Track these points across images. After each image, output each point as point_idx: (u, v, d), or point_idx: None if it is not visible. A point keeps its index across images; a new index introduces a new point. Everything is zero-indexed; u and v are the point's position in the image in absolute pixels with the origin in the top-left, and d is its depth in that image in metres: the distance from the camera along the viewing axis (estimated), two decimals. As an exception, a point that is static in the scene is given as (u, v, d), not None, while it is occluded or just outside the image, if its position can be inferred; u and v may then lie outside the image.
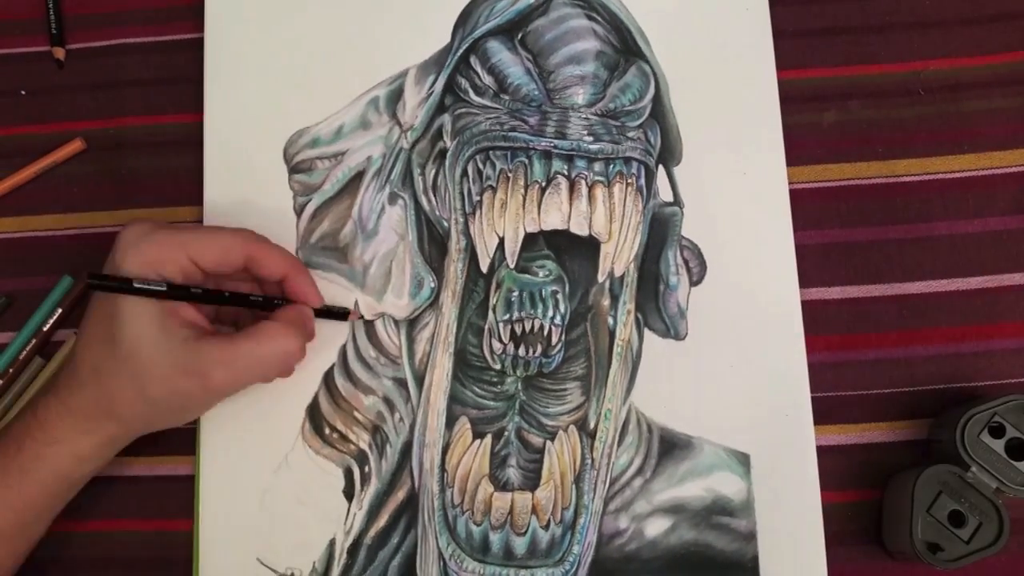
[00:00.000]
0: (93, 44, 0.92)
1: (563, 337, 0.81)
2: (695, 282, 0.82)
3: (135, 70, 0.91)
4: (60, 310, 0.86)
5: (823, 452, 0.80)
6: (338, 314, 0.82)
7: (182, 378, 0.72)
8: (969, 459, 0.73)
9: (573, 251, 0.82)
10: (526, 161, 0.81)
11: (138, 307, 0.71)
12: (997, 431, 0.74)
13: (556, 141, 0.81)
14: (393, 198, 0.85)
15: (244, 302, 0.78)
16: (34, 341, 0.85)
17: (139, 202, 0.89)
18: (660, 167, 0.84)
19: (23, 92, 0.92)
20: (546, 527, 0.78)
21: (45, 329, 0.85)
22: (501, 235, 0.81)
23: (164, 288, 0.72)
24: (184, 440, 0.82)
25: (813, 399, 0.80)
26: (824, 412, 0.81)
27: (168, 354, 0.71)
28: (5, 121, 0.91)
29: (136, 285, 0.71)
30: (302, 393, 0.82)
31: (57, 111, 0.91)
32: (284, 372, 0.79)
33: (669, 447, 0.79)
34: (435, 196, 0.84)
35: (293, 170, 0.86)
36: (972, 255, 0.83)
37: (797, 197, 0.84)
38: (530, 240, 0.82)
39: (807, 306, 0.82)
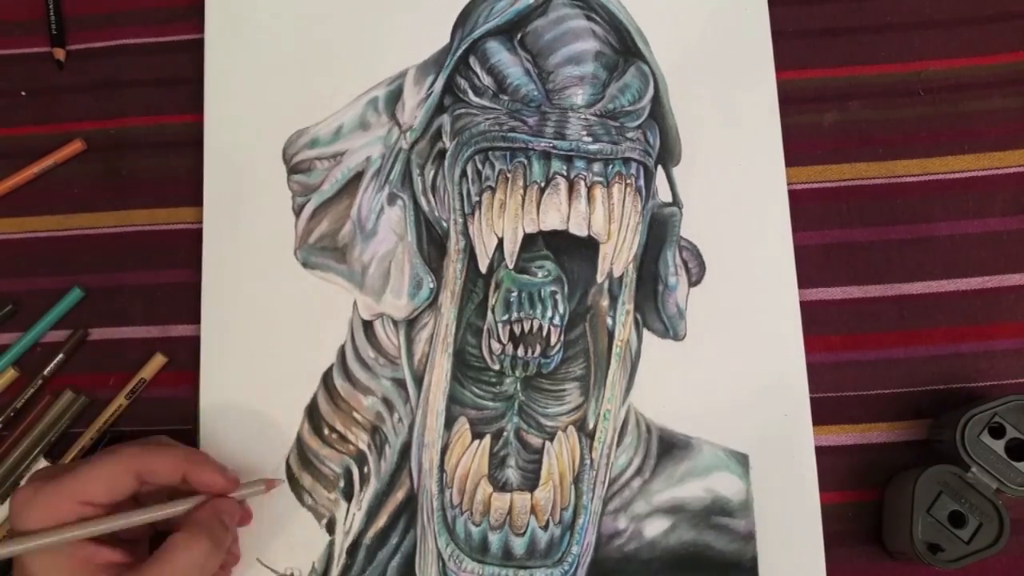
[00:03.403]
0: (93, 45, 0.92)
1: (562, 337, 0.81)
2: (694, 283, 0.82)
3: (135, 70, 0.91)
4: (62, 355, 0.86)
5: (823, 452, 0.80)
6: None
7: None
8: (969, 459, 0.73)
9: (572, 252, 0.82)
10: (525, 162, 0.81)
11: (52, 569, 0.69)
12: (997, 431, 0.74)
13: (555, 142, 0.81)
14: (392, 198, 0.85)
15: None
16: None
17: (139, 202, 0.89)
18: (659, 168, 0.84)
19: (23, 93, 0.92)
20: (545, 527, 0.78)
21: (45, 373, 0.86)
22: (500, 235, 0.81)
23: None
24: (184, 441, 0.81)
25: (813, 399, 0.80)
26: (824, 412, 0.81)
27: None
28: (5, 122, 0.91)
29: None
30: (301, 393, 0.82)
31: (57, 112, 0.91)
32: (220, 567, 0.76)
33: (668, 447, 0.80)
34: (434, 196, 0.84)
35: (292, 170, 0.86)
36: (972, 255, 0.83)
37: (797, 197, 0.84)
38: (529, 240, 0.82)
39: (808, 306, 0.82)
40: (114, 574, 0.70)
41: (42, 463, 0.84)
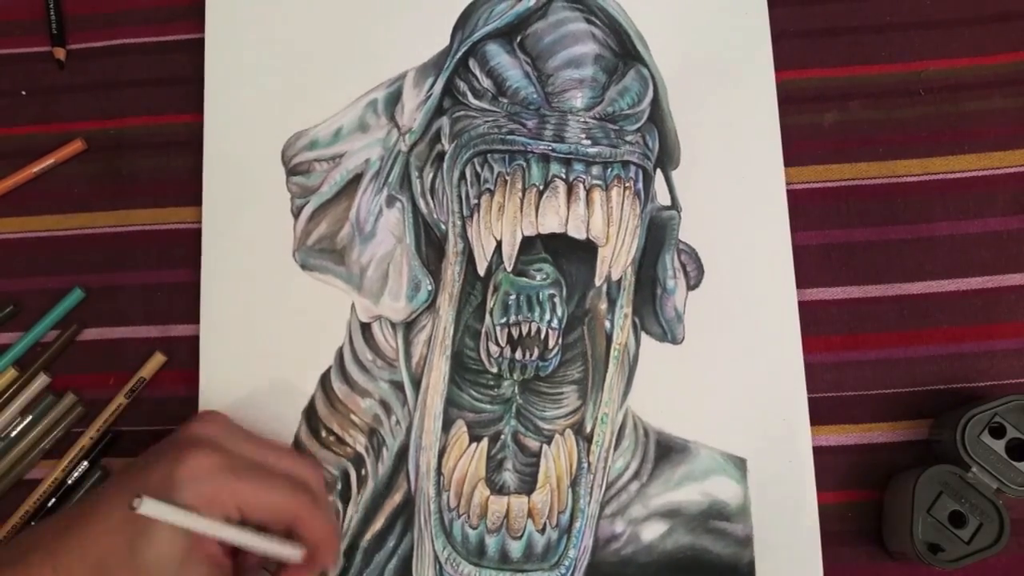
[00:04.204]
0: (93, 44, 0.93)
1: (560, 341, 0.81)
2: (692, 286, 0.82)
3: (135, 70, 0.92)
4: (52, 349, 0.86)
5: (823, 452, 0.80)
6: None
7: None
8: (969, 459, 0.73)
9: (570, 255, 0.82)
10: (524, 164, 0.81)
11: (169, 530, 0.68)
12: (997, 431, 0.74)
13: (554, 144, 0.81)
14: (391, 201, 0.85)
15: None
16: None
17: (139, 202, 0.89)
18: (658, 171, 0.84)
19: (24, 92, 0.92)
20: (542, 531, 0.78)
21: (42, 371, 0.86)
22: (498, 238, 0.81)
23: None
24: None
25: (814, 399, 0.80)
26: (824, 412, 0.81)
27: None
28: (6, 121, 0.92)
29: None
30: (298, 396, 0.82)
31: (57, 111, 0.91)
32: None
33: (665, 451, 0.80)
34: (433, 199, 0.84)
35: (291, 172, 0.86)
36: (972, 255, 0.83)
37: (798, 198, 0.84)
38: (527, 243, 0.81)
39: (808, 306, 0.82)
40: (210, 570, 0.70)
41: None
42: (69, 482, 0.84)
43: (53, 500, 0.83)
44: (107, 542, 0.69)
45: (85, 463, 0.84)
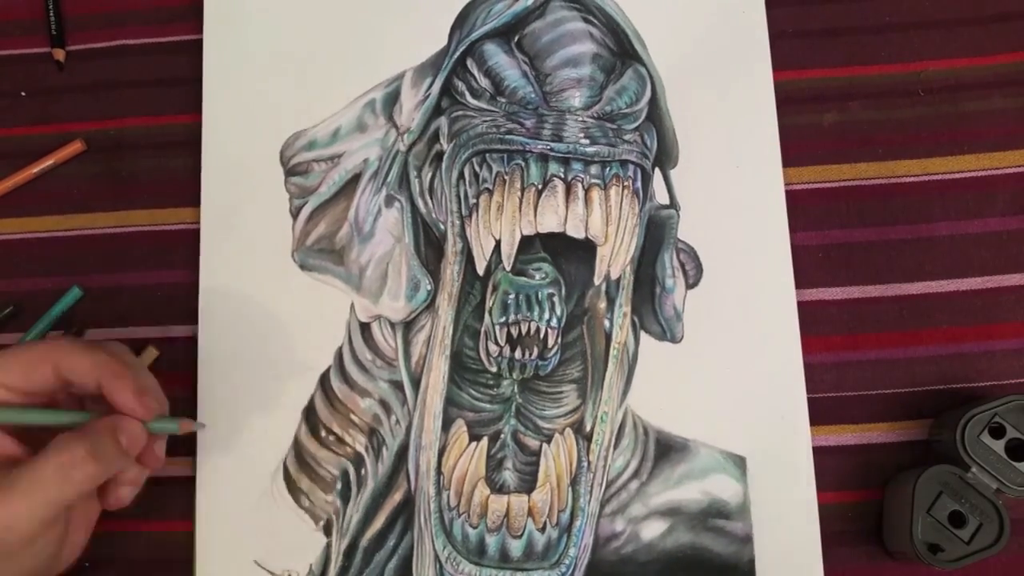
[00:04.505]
0: (93, 45, 0.93)
1: (559, 340, 0.81)
2: (691, 285, 0.82)
3: (135, 71, 0.92)
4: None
5: (823, 452, 0.80)
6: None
7: None
8: (969, 460, 0.73)
9: (569, 254, 0.82)
10: (522, 164, 0.81)
11: None
12: (997, 432, 0.74)
13: (552, 144, 0.81)
14: (389, 201, 0.85)
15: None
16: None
17: (139, 203, 0.89)
18: (656, 170, 0.84)
19: (23, 93, 0.92)
20: (542, 530, 0.78)
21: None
22: (497, 238, 0.81)
23: None
24: (183, 441, 0.82)
25: (813, 399, 0.80)
26: (824, 412, 0.81)
27: None
28: (5, 122, 0.92)
29: None
30: (298, 396, 0.82)
31: (57, 112, 0.91)
32: (81, 492, 0.68)
33: (665, 450, 0.80)
34: (431, 199, 0.84)
35: (289, 172, 0.86)
36: (972, 255, 0.83)
37: (797, 198, 0.84)
38: (526, 243, 0.81)
39: (808, 307, 0.82)
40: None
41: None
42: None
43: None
44: None
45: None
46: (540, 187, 0.81)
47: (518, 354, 0.80)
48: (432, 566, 0.78)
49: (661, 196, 0.84)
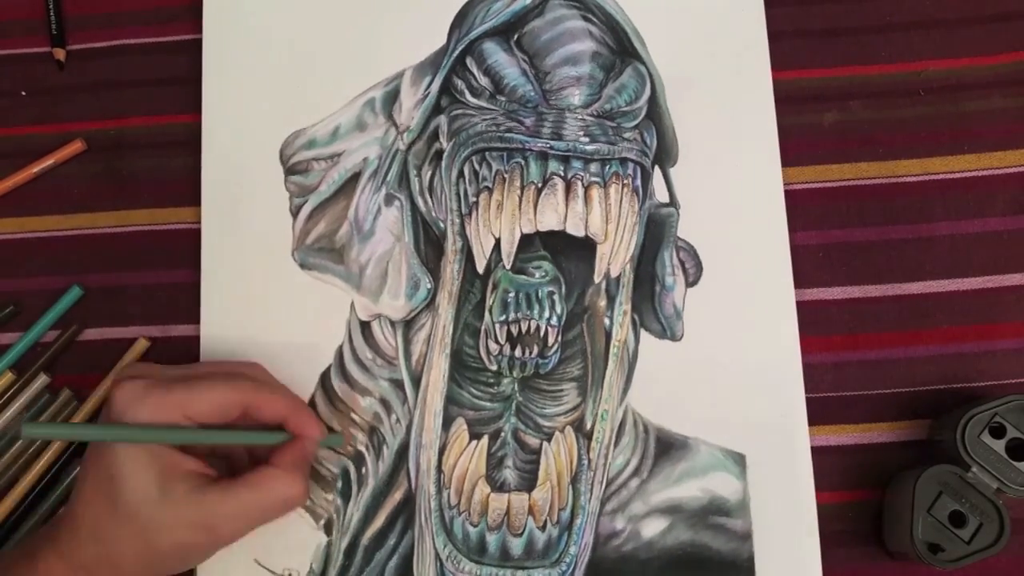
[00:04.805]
0: (93, 45, 0.93)
1: (559, 338, 0.81)
2: (691, 283, 0.82)
3: (135, 70, 0.92)
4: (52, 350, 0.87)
5: (823, 452, 0.80)
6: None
7: (188, 532, 0.70)
8: (970, 459, 0.73)
9: (569, 252, 0.82)
10: (522, 162, 0.81)
11: (136, 466, 0.69)
12: (998, 431, 0.74)
13: (552, 142, 0.81)
14: (389, 199, 0.85)
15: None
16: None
17: (139, 202, 0.89)
18: (656, 168, 0.84)
19: (24, 93, 0.92)
20: (543, 528, 0.78)
21: (41, 370, 0.86)
22: (497, 236, 0.81)
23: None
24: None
25: (813, 399, 0.80)
26: (824, 412, 0.81)
27: (171, 511, 0.70)
28: (5, 122, 0.92)
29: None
30: (299, 394, 0.82)
31: (57, 112, 0.91)
32: (289, 511, 0.76)
33: (665, 448, 0.80)
34: (431, 197, 0.84)
35: (289, 171, 0.86)
36: (972, 255, 0.83)
37: (797, 197, 0.84)
38: (526, 241, 0.81)
39: (808, 306, 0.82)
40: (194, 484, 0.71)
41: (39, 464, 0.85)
42: (67, 481, 0.84)
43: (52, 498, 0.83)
44: (91, 510, 0.71)
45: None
46: (540, 185, 0.81)
47: (518, 352, 0.80)
48: (433, 565, 0.78)
49: (661, 194, 0.84)
